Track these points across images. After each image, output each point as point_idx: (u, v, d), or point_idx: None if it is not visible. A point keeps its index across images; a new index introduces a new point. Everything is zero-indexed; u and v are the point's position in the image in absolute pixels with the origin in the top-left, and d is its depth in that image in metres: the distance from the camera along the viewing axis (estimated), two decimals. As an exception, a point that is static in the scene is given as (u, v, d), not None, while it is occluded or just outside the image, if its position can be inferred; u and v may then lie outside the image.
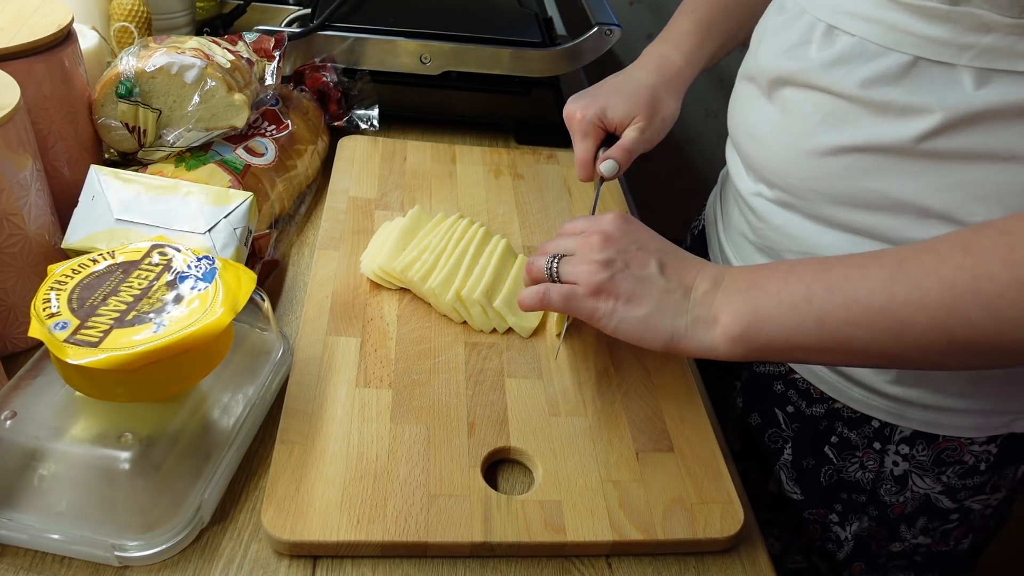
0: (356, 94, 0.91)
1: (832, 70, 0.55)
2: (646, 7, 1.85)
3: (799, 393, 0.66)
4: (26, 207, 0.57)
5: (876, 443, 0.63)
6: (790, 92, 0.59)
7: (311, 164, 0.82)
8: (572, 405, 0.61)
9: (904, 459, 0.62)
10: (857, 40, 0.53)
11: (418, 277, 0.66)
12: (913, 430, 0.60)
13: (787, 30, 0.60)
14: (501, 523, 0.52)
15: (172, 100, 0.70)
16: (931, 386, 0.58)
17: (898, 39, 0.51)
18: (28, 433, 0.48)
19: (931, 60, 0.50)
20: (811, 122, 0.57)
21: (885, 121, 0.52)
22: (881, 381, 0.59)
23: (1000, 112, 0.48)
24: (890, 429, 0.61)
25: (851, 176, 0.55)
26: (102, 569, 0.48)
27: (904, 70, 0.51)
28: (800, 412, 0.67)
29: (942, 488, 0.62)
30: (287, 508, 0.50)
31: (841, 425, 0.64)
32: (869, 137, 0.53)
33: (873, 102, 0.52)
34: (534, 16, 0.97)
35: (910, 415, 0.60)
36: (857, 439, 0.64)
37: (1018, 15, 0.46)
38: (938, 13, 0.49)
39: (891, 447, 0.62)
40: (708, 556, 0.54)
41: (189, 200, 0.64)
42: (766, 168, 0.62)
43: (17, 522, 0.48)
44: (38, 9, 0.64)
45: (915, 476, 0.62)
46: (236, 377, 0.57)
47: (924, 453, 0.61)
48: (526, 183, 0.85)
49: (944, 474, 0.62)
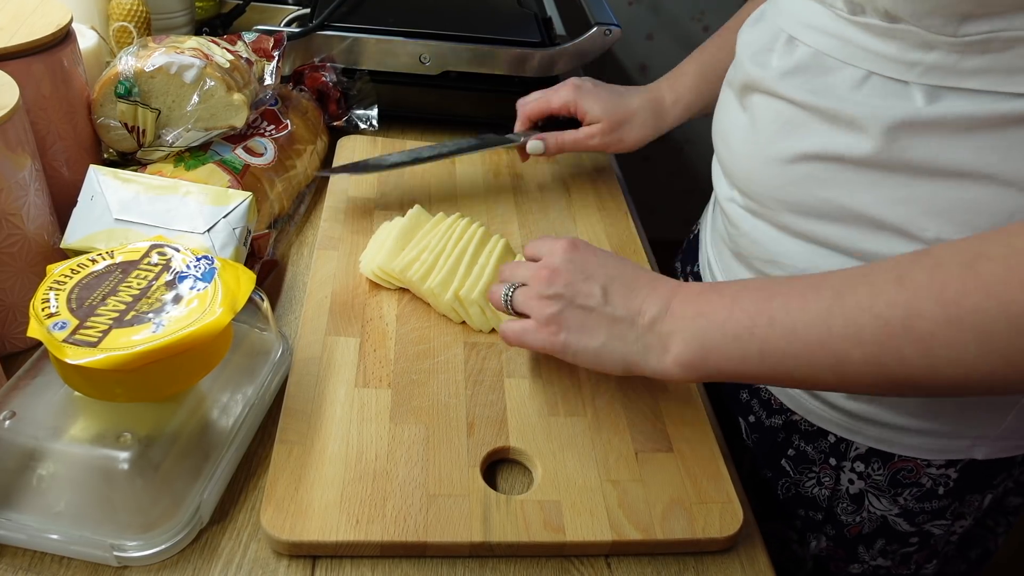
0: (355, 94, 0.91)
1: (790, 78, 0.55)
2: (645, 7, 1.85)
3: (761, 403, 0.66)
4: (25, 207, 0.57)
5: (832, 459, 0.62)
6: (757, 99, 0.59)
7: (310, 164, 0.82)
8: (571, 405, 0.61)
9: (860, 477, 0.61)
10: (814, 52, 0.54)
11: (417, 277, 0.66)
12: (868, 447, 0.60)
13: (758, 38, 0.60)
14: (500, 523, 0.52)
15: (171, 100, 0.69)
16: (886, 403, 0.57)
17: (852, 53, 0.51)
18: (27, 433, 0.48)
19: (883, 76, 0.50)
20: (771, 129, 0.57)
21: (838, 131, 0.52)
22: (837, 395, 0.59)
23: (947, 126, 0.48)
24: (845, 445, 0.61)
25: (808, 185, 0.55)
26: (101, 569, 0.48)
27: (858, 84, 0.51)
28: (760, 422, 0.66)
29: (899, 510, 0.61)
30: (286, 508, 0.50)
31: (798, 438, 0.64)
32: (822, 146, 0.53)
33: (826, 111, 0.53)
34: (533, 16, 0.97)
35: (865, 431, 0.59)
36: (814, 453, 0.63)
37: (953, 34, 0.46)
38: (881, 30, 0.49)
39: (847, 464, 0.61)
40: (707, 556, 0.54)
41: (188, 200, 0.64)
42: (735, 174, 0.62)
43: (16, 522, 0.47)
44: (37, 9, 0.64)
45: (871, 496, 0.61)
46: (235, 377, 0.57)
47: (880, 472, 0.60)
48: (525, 183, 0.85)
49: (901, 496, 0.61)
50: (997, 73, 0.46)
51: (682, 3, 1.86)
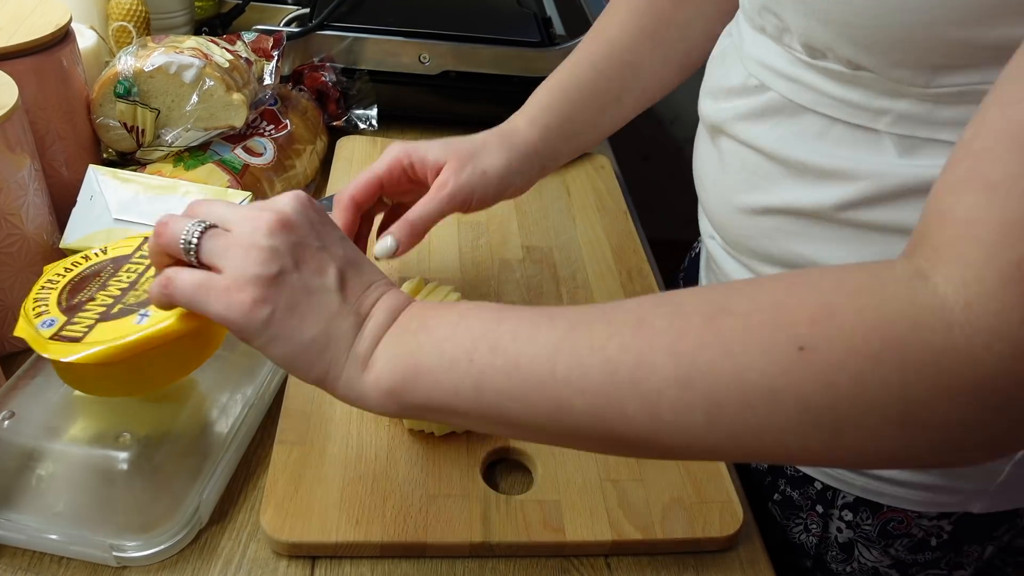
0: (355, 94, 0.91)
1: (755, 124, 0.52)
2: (645, 7, 1.85)
3: None
4: (24, 207, 0.57)
5: (819, 506, 0.59)
6: (725, 142, 0.55)
7: (310, 164, 0.82)
8: (571, 405, 0.61)
9: (848, 526, 0.58)
10: (778, 96, 0.50)
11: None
12: (856, 496, 0.57)
13: (724, 74, 0.56)
14: (500, 523, 0.52)
15: (170, 100, 0.69)
16: None
17: (816, 99, 0.48)
18: (26, 433, 0.48)
19: (850, 123, 0.46)
20: (739, 177, 0.54)
21: (805, 184, 0.49)
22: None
23: (926, 183, 0.43)
24: (832, 493, 0.58)
25: (778, 237, 0.52)
26: (100, 569, 0.48)
27: (823, 131, 0.48)
28: (746, 465, 0.64)
29: (891, 561, 0.58)
30: (286, 508, 0.50)
31: (784, 483, 0.61)
32: (790, 200, 0.50)
33: (792, 162, 0.49)
34: (533, 16, 0.97)
35: (850, 481, 0.56)
36: (800, 499, 0.60)
37: (925, 85, 0.42)
38: (845, 76, 0.45)
39: (834, 512, 0.58)
40: (707, 556, 0.54)
41: (188, 200, 0.64)
42: (711, 215, 0.59)
43: (15, 522, 0.47)
44: (36, 8, 0.64)
45: (861, 546, 0.58)
46: (234, 377, 0.57)
47: (869, 523, 0.57)
48: (525, 183, 0.85)
49: (892, 547, 0.57)
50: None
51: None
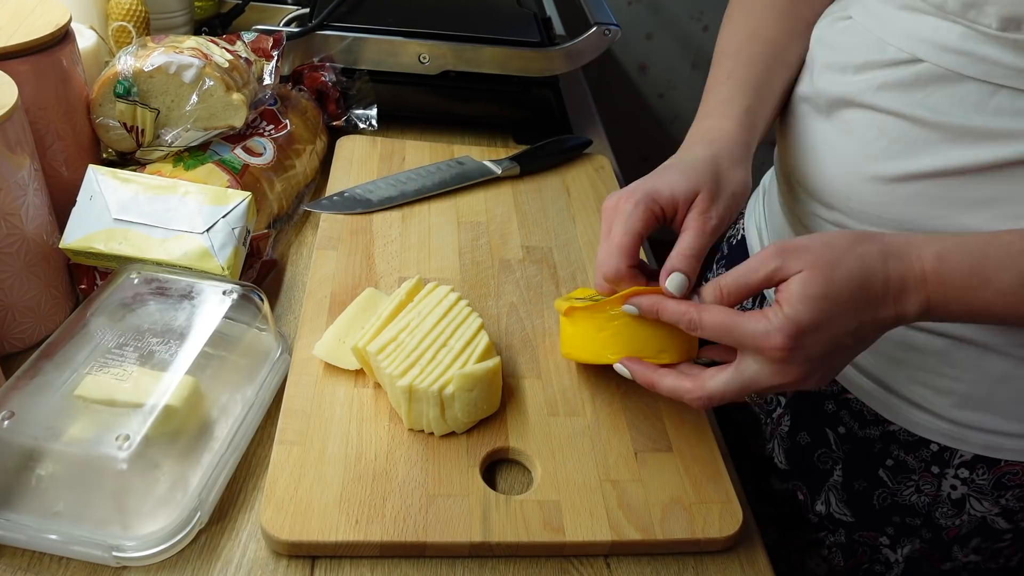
0: (354, 94, 0.91)
1: (904, 92, 0.53)
2: (645, 7, 1.85)
3: (852, 414, 0.65)
4: (24, 207, 0.57)
5: (934, 467, 0.61)
6: (852, 114, 0.57)
7: (309, 164, 0.82)
8: (571, 405, 0.61)
9: (963, 483, 0.61)
10: (933, 67, 0.52)
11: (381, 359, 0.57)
12: (974, 454, 0.59)
13: (849, 50, 0.58)
14: (500, 523, 0.52)
15: (170, 100, 0.69)
16: (996, 411, 0.57)
17: (988, 70, 0.50)
18: (26, 433, 0.48)
19: (1018, 89, 0.49)
20: (877, 147, 0.55)
21: (962, 147, 0.51)
22: (943, 405, 0.58)
23: None
24: (949, 453, 0.60)
25: (919, 203, 0.53)
26: (100, 569, 0.48)
27: (985, 98, 0.50)
28: (852, 433, 0.65)
29: (999, 510, 0.61)
30: (285, 508, 0.50)
31: (897, 448, 0.63)
32: (941, 163, 0.52)
33: (949, 127, 0.51)
34: (533, 16, 0.97)
35: (971, 439, 0.59)
36: (914, 463, 0.62)
37: None
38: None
39: (950, 471, 0.61)
40: (707, 556, 0.54)
41: (187, 200, 0.64)
42: (823, 191, 0.60)
43: (15, 522, 0.47)
44: (36, 8, 0.64)
45: (973, 500, 0.61)
46: (234, 377, 0.57)
47: (984, 477, 0.60)
48: (524, 183, 0.85)
49: (1003, 497, 0.60)
50: None
51: (681, 3, 1.86)
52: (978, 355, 0.55)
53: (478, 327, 0.59)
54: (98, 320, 0.56)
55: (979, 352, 0.55)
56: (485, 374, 0.56)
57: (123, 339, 0.55)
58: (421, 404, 0.55)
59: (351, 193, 0.78)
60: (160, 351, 0.54)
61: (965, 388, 0.57)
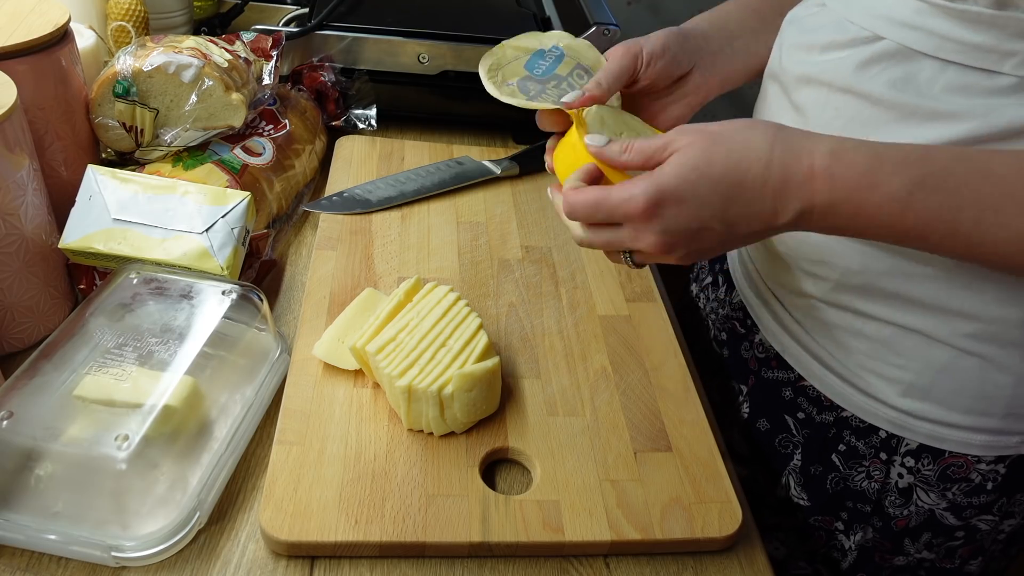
0: (354, 94, 0.91)
1: (861, 71, 0.54)
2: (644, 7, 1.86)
3: (809, 400, 0.66)
4: (23, 207, 0.57)
5: (882, 453, 0.62)
6: (812, 92, 0.58)
7: (309, 164, 0.82)
8: (570, 405, 0.61)
9: (909, 472, 0.61)
10: (892, 43, 0.52)
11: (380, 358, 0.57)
12: (919, 443, 0.60)
13: (815, 30, 0.59)
14: (499, 523, 0.52)
15: (169, 99, 0.69)
16: (938, 401, 0.57)
17: (937, 45, 0.50)
18: (25, 433, 0.48)
19: (970, 66, 0.49)
20: (833, 127, 0.55)
21: (911, 126, 0.51)
22: (889, 393, 0.59)
23: None
24: (896, 440, 0.61)
25: None
26: (99, 570, 0.48)
27: (935, 75, 0.50)
28: (811, 419, 0.66)
29: (947, 505, 0.62)
30: (285, 508, 0.50)
31: (849, 433, 0.64)
32: (894, 142, 0.52)
33: (901, 105, 0.52)
34: (532, 16, 0.97)
35: (916, 428, 0.59)
36: (864, 448, 0.63)
37: None
38: (982, 18, 0.48)
39: (897, 459, 0.62)
40: (706, 556, 0.54)
41: (187, 200, 0.64)
42: None
43: (14, 522, 0.47)
44: (35, 8, 0.64)
45: (920, 490, 0.62)
46: (233, 377, 0.57)
47: (930, 468, 0.61)
48: (524, 183, 0.85)
49: (949, 491, 0.61)
50: None
51: (681, 3, 1.86)
52: (923, 344, 0.56)
53: (477, 327, 0.59)
54: (97, 320, 0.56)
55: (924, 341, 0.56)
56: (484, 374, 0.56)
57: (122, 339, 0.55)
58: (420, 404, 0.55)
59: (350, 193, 0.78)
60: (159, 351, 0.54)
61: (911, 377, 0.57)
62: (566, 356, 0.65)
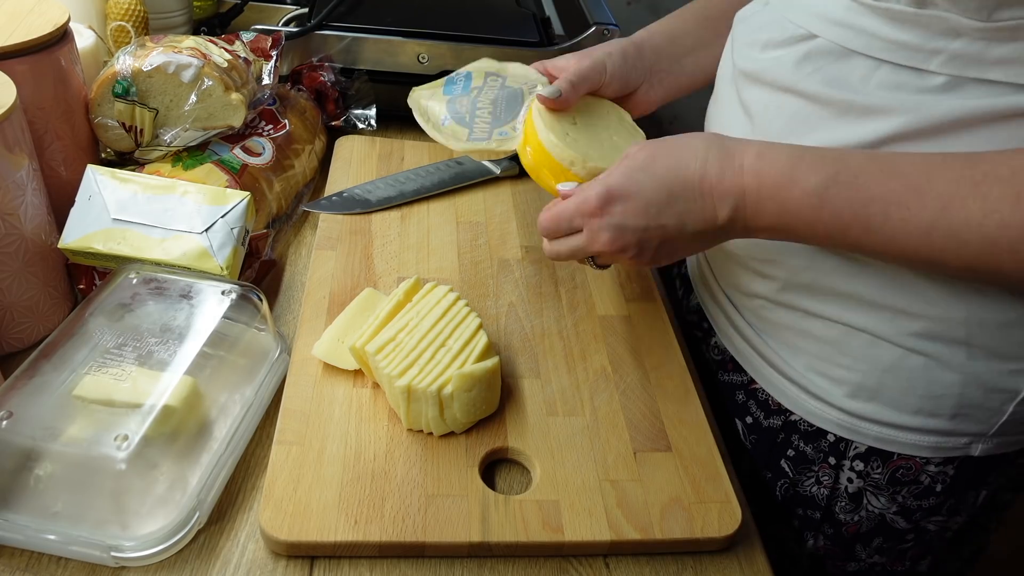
0: (353, 94, 0.91)
1: (798, 69, 0.55)
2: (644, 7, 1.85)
3: (758, 404, 0.66)
4: (22, 207, 0.57)
5: (831, 458, 0.62)
6: (757, 92, 0.58)
7: (308, 164, 0.82)
8: (570, 405, 0.61)
9: (859, 476, 0.61)
10: (826, 42, 0.53)
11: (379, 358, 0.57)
12: (868, 446, 0.60)
13: (759, 28, 0.60)
14: (499, 523, 0.52)
15: (169, 99, 0.69)
16: (886, 402, 0.57)
17: (867, 43, 0.51)
18: (24, 433, 0.48)
19: (900, 64, 0.50)
20: (775, 125, 0.56)
21: (846, 122, 0.52)
22: (837, 394, 0.59)
23: (966, 121, 0.47)
24: (845, 444, 0.60)
25: None
26: (98, 570, 0.48)
27: (869, 73, 0.51)
28: (758, 423, 0.66)
29: (897, 508, 0.61)
30: (284, 508, 0.50)
31: (797, 438, 0.63)
32: (830, 140, 0.53)
33: (836, 102, 0.52)
34: (532, 16, 0.97)
35: (864, 430, 0.59)
36: (813, 453, 0.63)
37: (986, 19, 0.46)
38: (906, 16, 0.48)
39: (846, 463, 0.61)
40: (706, 556, 0.54)
41: (186, 200, 0.64)
42: None
43: (13, 523, 0.47)
44: (34, 8, 0.64)
45: (869, 495, 0.61)
46: (233, 377, 0.57)
47: (879, 471, 0.60)
48: (523, 183, 0.85)
49: (899, 494, 0.60)
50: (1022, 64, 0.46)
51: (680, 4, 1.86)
52: (869, 344, 0.56)
53: (476, 327, 0.59)
54: (97, 320, 0.56)
55: (870, 340, 0.56)
56: (484, 374, 0.56)
57: (122, 339, 0.55)
58: (420, 404, 0.55)
59: (350, 193, 0.78)
60: (159, 351, 0.54)
61: (858, 377, 0.57)
62: (566, 356, 0.65)
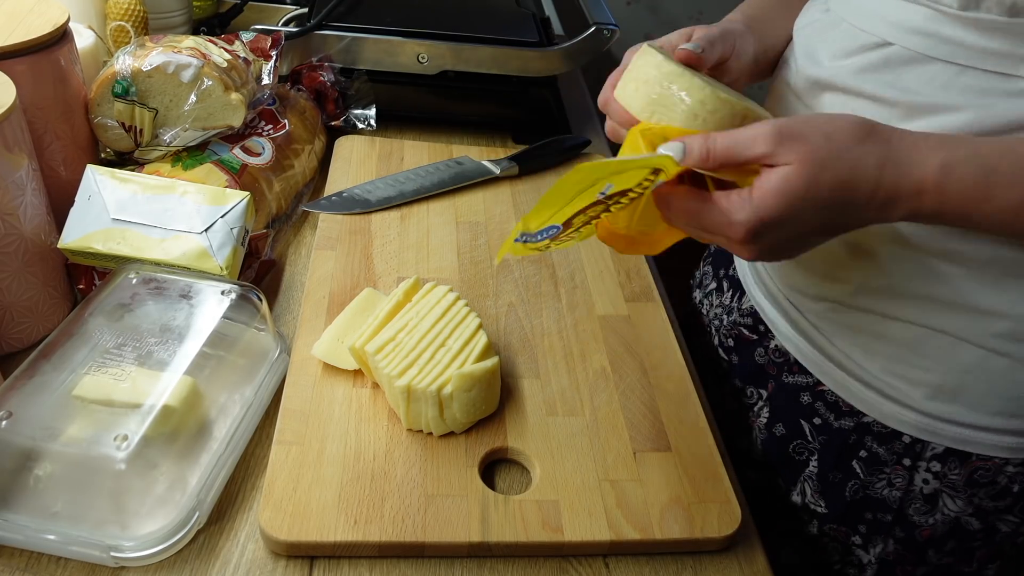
0: (353, 94, 0.91)
1: (877, 76, 0.54)
2: (644, 7, 1.85)
3: (827, 405, 0.65)
4: (22, 207, 0.57)
5: (906, 459, 0.61)
6: (828, 98, 0.58)
7: (308, 164, 0.82)
8: (569, 405, 0.61)
9: (935, 477, 0.60)
10: (904, 50, 0.53)
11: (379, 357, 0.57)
12: (945, 447, 0.59)
13: (825, 36, 0.59)
14: (498, 523, 0.52)
15: (168, 99, 0.69)
16: (966, 403, 0.57)
17: (952, 51, 0.51)
18: (24, 433, 0.48)
19: (983, 70, 0.50)
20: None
21: (917, 121, 0.52)
22: (915, 396, 0.58)
23: None
24: (921, 445, 0.60)
25: None
26: (98, 570, 0.48)
27: (955, 78, 0.51)
28: (828, 424, 0.65)
29: (973, 510, 0.61)
30: (284, 508, 0.50)
31: (871, 440, 0.63)
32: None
33: (919, 105, 0.52)
34: (531, 16, 0.97)
35: (943, 431, 0.58)
36: (886, 455, 0.62)
37: None
38: (996, 25, 0.48)
39: (922, 464, 0.60)
40: (705, 556, 0.54)
41: (186, 200, 0.64)
42: None
43: (13, 523, 0.47)
44: (34, 8, 0.64)
45: (946, 496, 0.60)
46: (233, 377, 0.57)
47: (956, 472, 0.59)
48: (523, 183, 0.85)
49: (976, 495, 0.60)
50: None
51: (680, 3, 1.86)
52: (950, 345, 0.55)
53: (476, 327, 0.59)
54: (96, 320, 0.56)
55: (951, 342, 0.55)
56: (483, 374, 0.56)
57: (121, 339, 0.55)
58: (419, 404, 0.55)
59: (350, 193, 0.78)
60: (158, 351, 0.54)
61: (937, 379, 0.57)
62: (565, 356, 0.65)
